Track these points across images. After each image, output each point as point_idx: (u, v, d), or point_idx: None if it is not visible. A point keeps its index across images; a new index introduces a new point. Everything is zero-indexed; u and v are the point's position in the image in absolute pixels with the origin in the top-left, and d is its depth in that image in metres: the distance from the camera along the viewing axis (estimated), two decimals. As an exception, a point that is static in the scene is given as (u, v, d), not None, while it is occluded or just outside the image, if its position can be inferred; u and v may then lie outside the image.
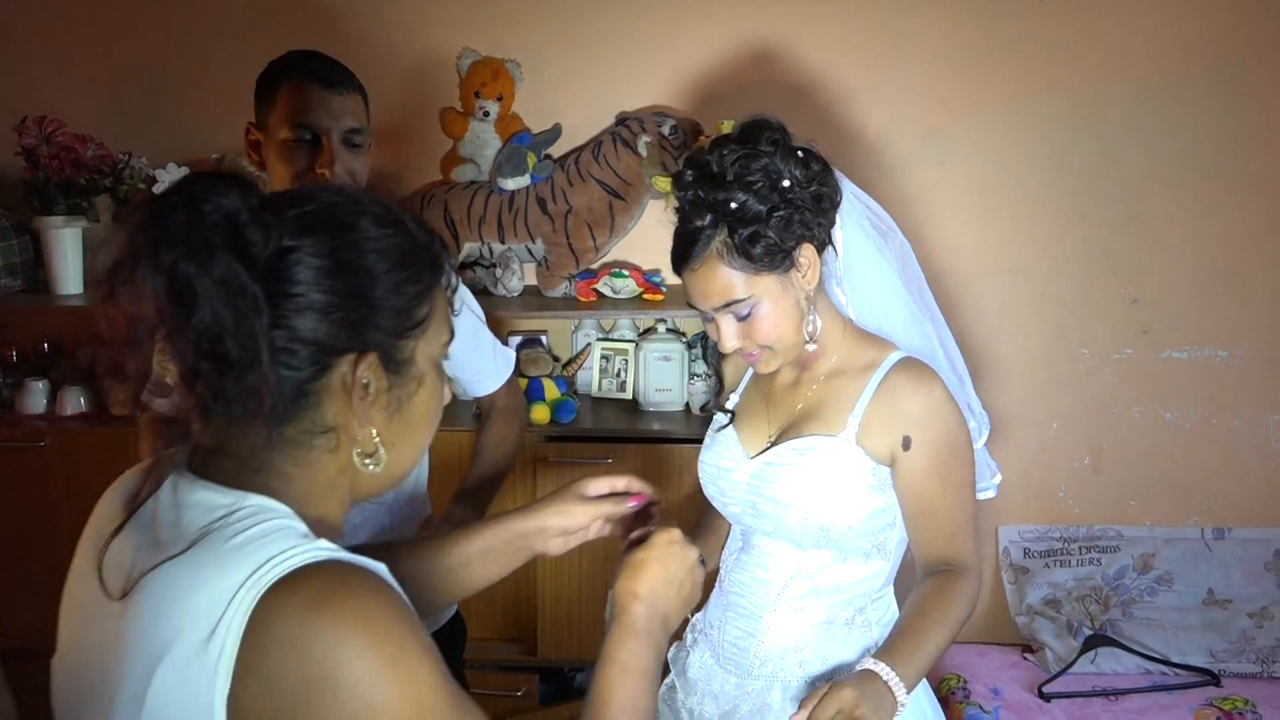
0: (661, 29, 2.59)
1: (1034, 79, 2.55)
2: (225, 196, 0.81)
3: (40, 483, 2.50)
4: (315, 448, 0.86)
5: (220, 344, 0.79)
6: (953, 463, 1.33)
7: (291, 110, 1.54)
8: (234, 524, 0.80)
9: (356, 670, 0.75)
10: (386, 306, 0.86)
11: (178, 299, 0.79)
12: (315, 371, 0.84)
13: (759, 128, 1.30)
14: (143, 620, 0.79)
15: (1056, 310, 2.66)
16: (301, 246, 0.82)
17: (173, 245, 0.78)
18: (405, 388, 0.89)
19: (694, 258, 1.28)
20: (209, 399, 0.82)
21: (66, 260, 2.55)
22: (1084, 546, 2.72)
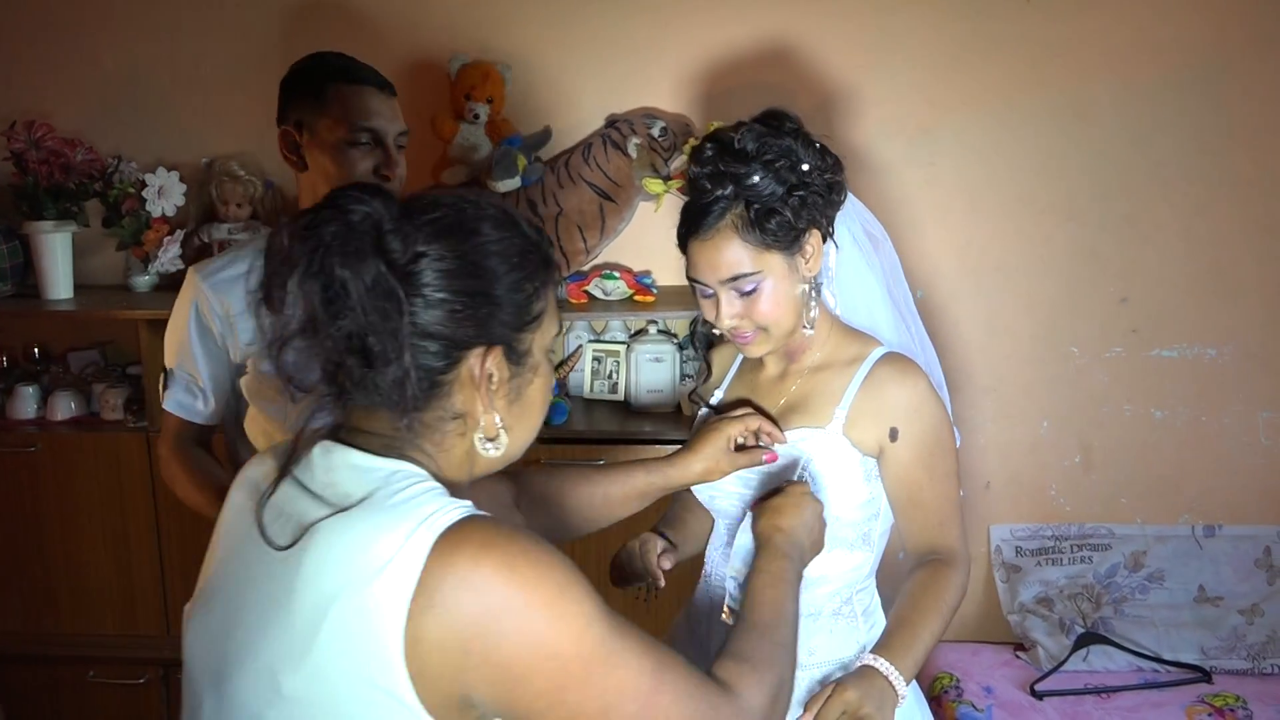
0: (650, 31, 2.59)
1: (1022, 79, 2.57)
2: (370, 206, 0.90)
3: (31, 488, 2.50)
4: (448, 432, 0.96)
5: (365, 341, 0.89)
6: (938, 453, 1.37)
7: (349, 113, 1.60)
8: (398, 484, 0.90)
9: (527, 602, 0.84)
10: (508, 303, 0.95)
11: (330, 301, 0.88)
12: (446, 364, 0.93)
13: (780, 115, 1.34)
14: (316, 565, 0.87)
15: (1046, 309, 2.67)
16: (432, 251, 0.91)
17: (330, 253, 0.88)
18: (524, 377, 0.99)
19: (706, 228, 1.30)
20: (350, 389, 0.92)
21: (56, 265, 2.55)
22: (1075, 545, 2.73)
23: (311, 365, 0.92)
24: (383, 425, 0.94)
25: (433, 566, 0.84)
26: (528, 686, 0.85)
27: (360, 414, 0.95)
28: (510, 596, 0.84)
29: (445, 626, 0.83)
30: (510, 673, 0.85)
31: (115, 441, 2.48)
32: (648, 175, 2.46)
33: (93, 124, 2.67)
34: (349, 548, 0.87)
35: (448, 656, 0.84)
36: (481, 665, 0.84)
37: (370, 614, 0.84)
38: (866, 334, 1.45)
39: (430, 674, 0.84)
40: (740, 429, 1.37)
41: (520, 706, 0.86)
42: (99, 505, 2.49)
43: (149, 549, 2.51)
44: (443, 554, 0.84)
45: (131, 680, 2.54)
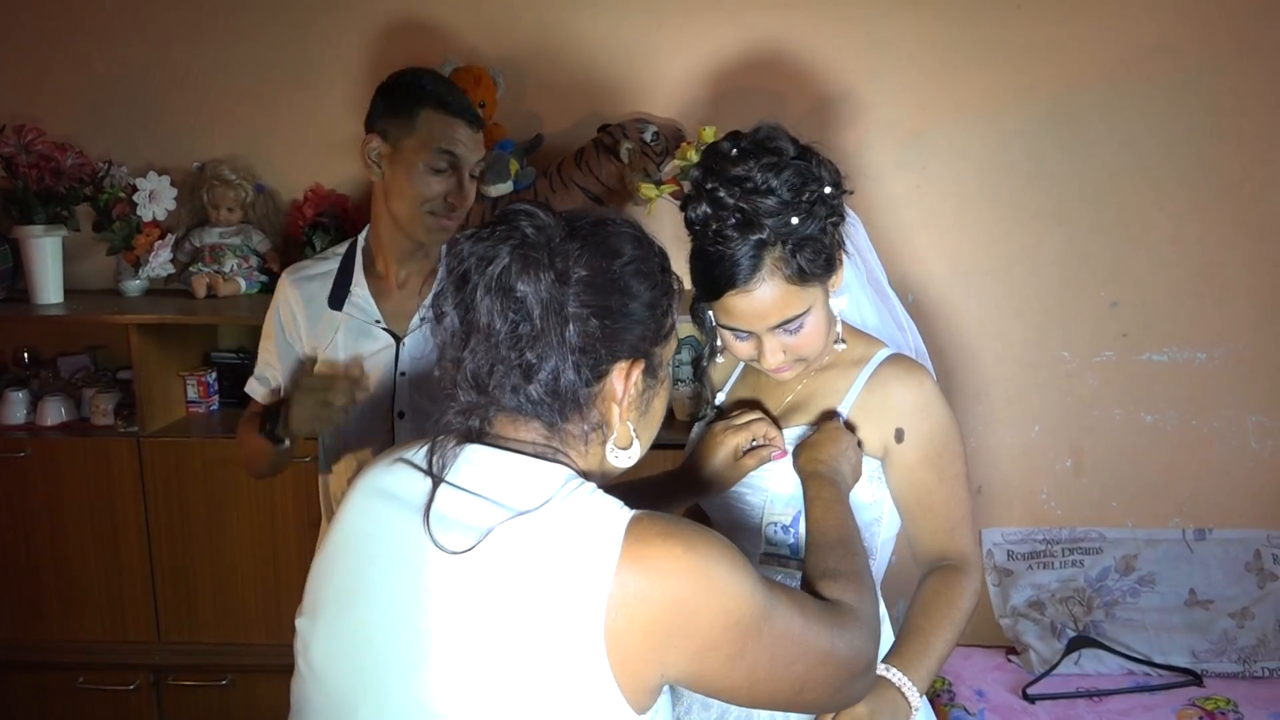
0: (641, 36, 2.60)
1: (1012, 83, 2.58)
2: (543, 224, 0.96)
3: (20, 493, 2.48)
4: (589, 441, 1.01)
5: (527, 353, 0.94)
6: (947, 455, 1.34)
7: (436, 139, 1.67)
8: (574, 488, 0.95)
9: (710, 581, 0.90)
10: (648, 319, 1.00)
11: (505, 313, 0.94)
12: (594, 377, 0.98)
13: (776, 134, 1.27)
14: (505, 567, 0.91)
15: (1036, 314, 2.67)
16: (585, 270, 0.96)
17: (509, 267, 0.93)
18: (654, 389, 1.04)
19: (746, 279, 1.22)
20: (502, 398, 0.97)
21: (46, 269, 2.54)
22: (1067, 548, 2.73)
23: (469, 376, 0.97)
24: (529, 433, 0.99)
25: (625, 562, 0.89)
26: (718, 654, 0.92)
27: (504, 422, 0.99)
28: (698, 579, 0.90)
29: (646, 615, 0.88)
30: (705, 646, 0.91)
31: (105, 447, 2.47)
32: (640, 180, 2.47)
33: (83, 128, 2.66)
34: (540, 548, 0.91)
35: (652, 643, 0.89)
36: (681, 644, 0.90)
37: (569, 609, 0.88)
38: (871, 335, 1.43)
39: (634, 664, 0.89)
40: (745, 438, 1.35)
41: (709, 672, 0.93)
42: (89, 511, 2.48)
43: (139, 555, 2.50)
44: (631, 548, 0.90)
45: (122, 687, 2.52)
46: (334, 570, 1.02)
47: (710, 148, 1.29)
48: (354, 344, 1.76)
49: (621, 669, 0.89)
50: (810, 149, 1.28)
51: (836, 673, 1.01)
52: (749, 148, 1.25)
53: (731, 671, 0.93)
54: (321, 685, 1.00)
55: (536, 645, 0.89)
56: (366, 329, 1.76)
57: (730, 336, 1.31)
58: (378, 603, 0.97)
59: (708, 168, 1.26)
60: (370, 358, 1.76)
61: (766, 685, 0.96)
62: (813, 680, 0.99)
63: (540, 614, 0.89)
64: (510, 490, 0.95)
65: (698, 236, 1.26)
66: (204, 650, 2.51)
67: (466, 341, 0.97)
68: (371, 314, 1.77)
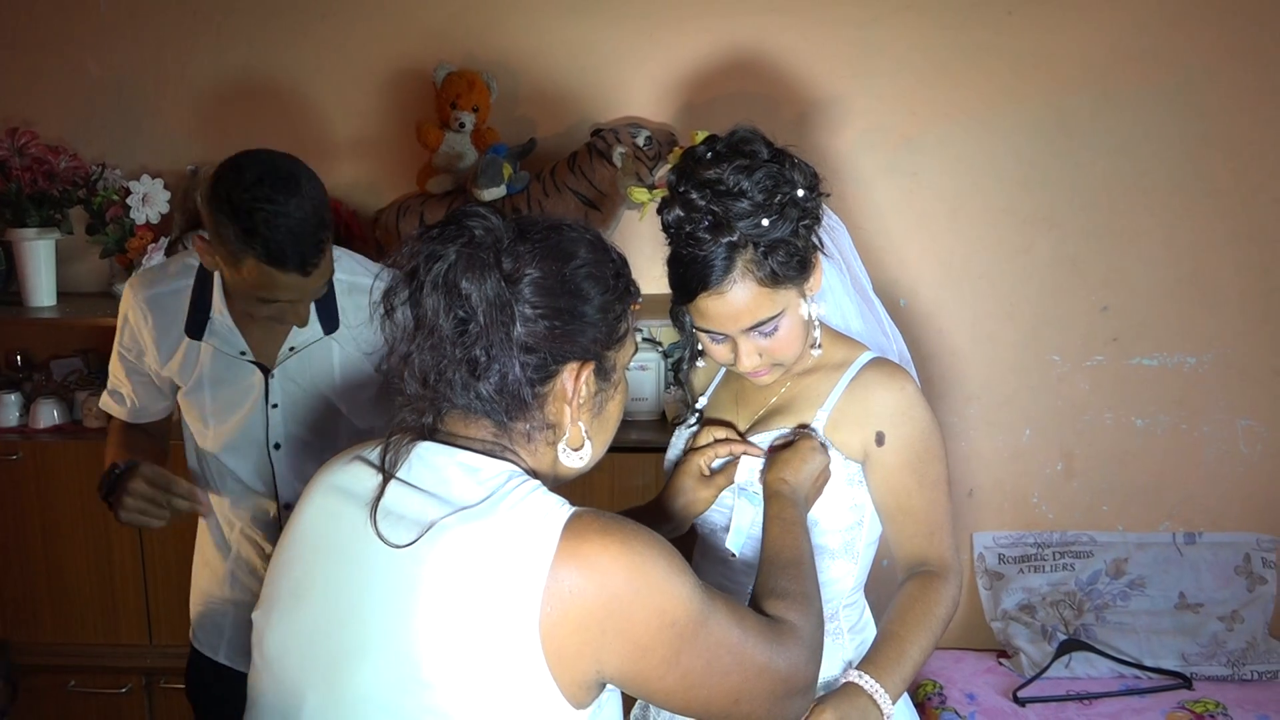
0: (634, 41, 2.60)
1: (1004, 89, 2.59)
2: (492, 224, 0.99)
3: (13, 496, 2.48)
4: (538, 440, 1.03)
5: (473, 351, 0.96)
6: (927, 459, 1.34)
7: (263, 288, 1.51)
8: (514, 484, 0.97)
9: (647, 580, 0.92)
10: (600, 322, 1.02)
11: (451, 311, 0.96)
12: (543, 377, 1.00)
13: (751, 138, 1.27)
14: (445, 560, 0.93)
15: (1027, 318, 2.69)
16: (536, 271, 0.98)
17: (455, 266, 0.96)
18: (606, 393, 1.06)
19: (717, 281, 1.23)
20: (451, 395, 0.99)
21: (39, 272, 2.55)
22: (1057, 552, 2.74)
23: (417, 371, 0.99)
24: (479, 431, 1.01)
25: (561, 557, 0.91)
26: (652, 655, 0.94)
27: (455, 420, 1.02)
28: (633, 576, 0.92)
29: (580, 610, 0.91)
30: (639, 645, 0.93)
31: (98, 450, 2.43)
32: (633, 184, 2.47)
33: (77, 131, 2.67)
34: (479, 543, 0.93)
35: (586, 637, 0.91)
36: (615, 641, 0.92)
37: (506, 603, 0.90)
38: (854, 339, 1.43)
39: (568, 655, 0.91)
40: (709, 457, 1.36)
41: (644, 674, 0.95)
42: (81, 514, 2.48)
43: (132, 558, 2.50)
44: (568, 545, 0.92)
45: (114, 690, 2.53)
46: (289, 564, 1.05)
47: (686, 151, 1.30)
48: (219, 376, 1.68)
49: (557, 663, 0.91)
50: (785, 152, 1.28)
51: (773, 687, 1.02)
52: (723, 151, 1.26)
53: (666, 674, 0.95)
54: (273, 676, 1.02)
55: (474, 637, 0.91)
56: (230, 360, 1.68)
57: (707, 339, 1.32)
58: (326, 595, 1.00)
59: (682, 171, 1.27)
60: (237, 392, 1.69)
61: (701, 692, 0.98)
62: (748, 692, 1.00)
63: (478, 606, 0.91)
64: (455, 487, 0.97)
65: (672, 239, 1.27)
66: (196, 653, 2.52)
67: (414, 338, 0.99)
68: (236, 344, 1.68)
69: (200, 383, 1.70)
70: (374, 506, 0.98)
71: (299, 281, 1.51)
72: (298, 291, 1.54)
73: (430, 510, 0.96)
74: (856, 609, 1.43)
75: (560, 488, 1.03)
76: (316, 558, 1.03)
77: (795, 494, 1.26)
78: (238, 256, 1.48)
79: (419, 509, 0.97)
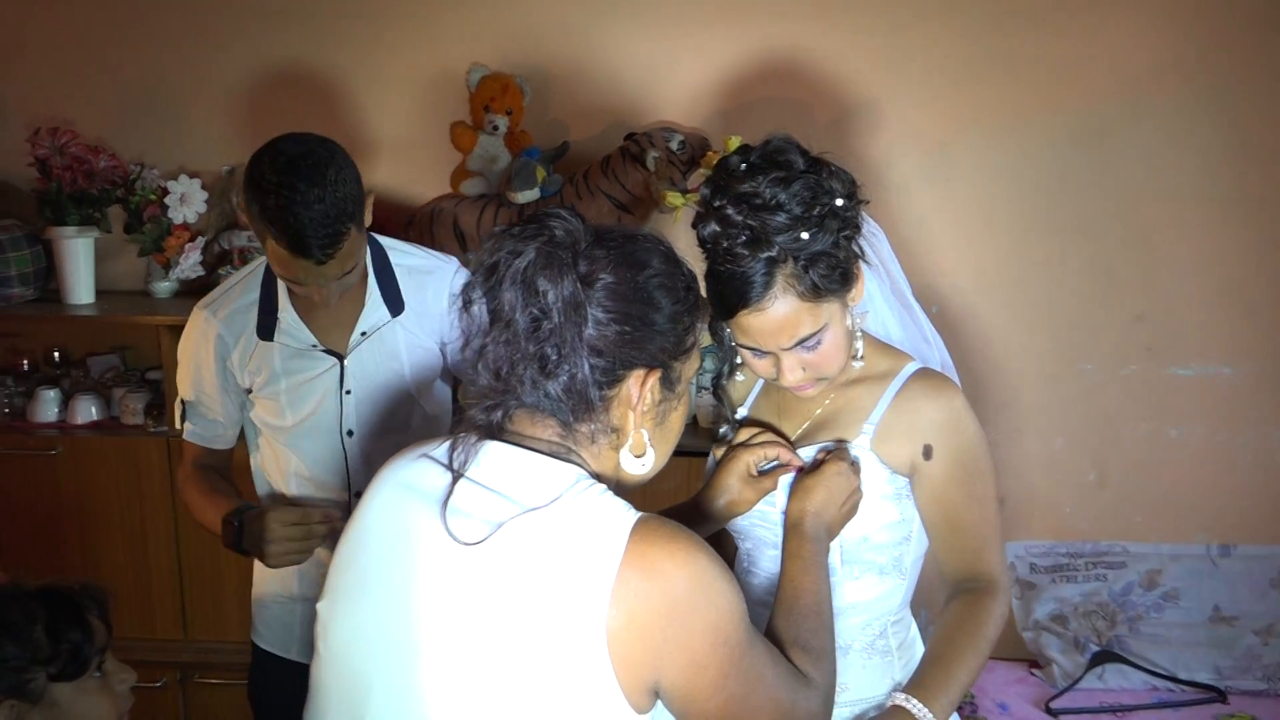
0: (668, 45, 2.61)
1: (1038, 96, 2.57)
2: (573, 225, 1.01)
3: (51, 491, 2.52)
4: (602, 444, 1.04)
5: (545, 348, 0.98)
6: (976, 472, 1.31)
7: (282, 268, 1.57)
8: (584, 485, 0.99)
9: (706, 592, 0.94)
10: (669, 332, 1.03)
11: (528, 307, 0.98)
12: (610, 380, 1.01)
13: (786, 148, 1.24)
14: (514, 559, 0.95)
15: (1060, 327, 2.66)
16: (610, 277, 1.00)
17: (535, 264, 0.98)
18: (670, 403, 1.07)
19: (759, 297, 1.19)
20: (522, 393, 1.00)
21: (78, 270, 2.58)
22: (1090, 562, 2.72)
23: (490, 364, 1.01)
24: (544, 431, 1.03)
25: (628, 560, 0.93)
26: (705, 674, 0.95)
27: (522, 419, 1.03)
28: (695, 587, 0.94)
29: (645, 615, 0.92)
30: (695, 659, 0.94)
31: (134, 446, 2.50)
32: (666, 188, 2.47)
33: (116, 131, 2.70)
34: (548, 543, 0.95)
35: (650, 644, 0.93)
36: (675, 652, 0.93)
37: (574, 604, 0.92)
38: (898, 349, 1.40)
39: (632, 661, 0.93)
40: (758, 456, 1.32)
41: (694, 692, 0.96)
42: (118, 509, 2.51)
43: (167, 553, 2.53)
44: (636, 548, 0.94)
45: (149, 684, 2.55)
46: (355, 557, 1.06)
47: (720, 163, 1.27)
48: (293, 369, 1.72)
49: (622, 666, 0.92)
50: (822, 160, 1.25)
51: None
52: (757, 162, 1.22)
53: (713, 697, 0.96)
54: (338, 667, 1.04)
55: (541, 636, 0.93)
56: (303, 353, 1.72)
57: (749, 355, 1.29)
58: (394, 589, 1.01)
59: (716, 184, 1.24)
60: (311, 381, 1.73)
61: None
62: None
63: (546, 606, 0.93)
64: (524, 487, 0.99)
65: (709, 255, 1.24)
66: (229, 649, 2.53)
67: (490, 331, 1.01)
68: (305, 339, 1.71)
69: (275, 376, 1.72)
70: (444, 503, 1.00)
71: (314, 268, 1.54)
72: (314, 277, 1.56)
73: (499, 509, 0.98)
74: (904, 627, 1.40)
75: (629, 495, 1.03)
76: (382, 552, 1.04)
77: (816, 526, 1.24)
78: (261, 234, 1.55)
79: (488, 508, 0.98)
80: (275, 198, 1.48)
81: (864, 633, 1.36)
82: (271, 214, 1.49)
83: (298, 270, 1.55)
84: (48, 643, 1.13)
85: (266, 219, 1.50)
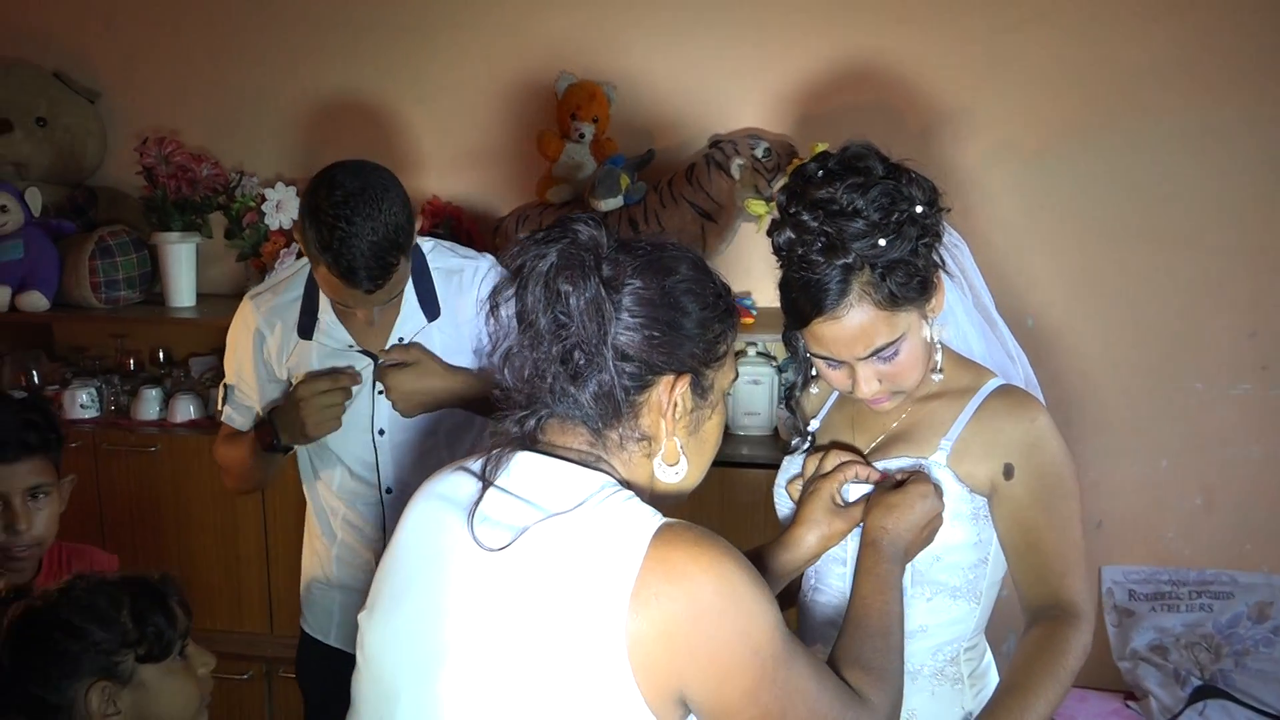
0: (755, 51, 2.58)
1: (1142, 101, 2.45)
2: (595, 231, 1.01)
3: (150, 486, 2.61)
4: (633, 452, 1.03)
5: (572, 354, 0.98)
6: (1059, 494, 1.26)
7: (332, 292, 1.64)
8: (609, 491, 0.98)
9: (735, 599, 0.92)
10: (698, 338, 1.02)
11: (551, 311, 0.98)
12: (639, 386, 1.01)
13: (865, 154, 1.21)
14: (534, 564, 0.95)
15: (1167, 342, 2.54)
16: (637, 281, 1.00)
17: (556, 268, 0.98)
18: (703, 411, 1.06)
19: (835, 305, 1.17)
20: (551, 401, 1.00)
21: (181, 275, 2.68)
22: (1194, 591, 2.58)
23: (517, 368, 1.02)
24: (576, 440, 1.02)
25: (650, 565, 0.91)
26: (734, 684, 0.92)
27: (553, 429, 1.03)
28: (721, 593, 0.92)
29: (666, 620, 0.90)
30: (722, 668, 0.92)
31: (226, 446, 2.58)
32: (750, 196, 2.45)
33: (217, 140, 2.80)
34: (568, 547, 0.95)
35: (672, 650, 0.90)
36: (700, 660, 0.91)
37: (593, 608, 0.91)
38: (979, 364, 1.36)
39: (653, 668, 0.91)
40: (838, 484, 1.28)
41: (724, 705, 0.93)
42: (212, 505, 2.60)
43: (256, 549, 2.60)
44: (658, 553, 0.92)
45: (236, 676, 2.63)
46: (392, 570, 1.08)
47: (796, 170, 1.25)
48: (331, 365, 1.77)
49: (643, 674, 0.90)
50: (901, 166, 1.22)
51: None
52: (835, 168, 1.20)
53: (746, 709, 0.93)
54: (372, 676, 1.05)
55: (561, 642, 0.92)
56: (340, 354, 1.76)
57: (824, 365, 1.27)
58: (423, 598, 1.02)
59: (792, 191, 1.22)
60: None
61: None
62: None
63: (566, 611, 0.92)
64: (549, 494, 0.99)
65: (784, 262, 1.22)
66: (314, 645, 2.60)
67: (516, 335, 1.02)
68: (343, 339, 1.76)
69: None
70: (471, 511, 1.00)
71: (363, 296, 1.61)
72: (362, 303, 1.63)
73: (524, 515, 0.98)
74: (977, 653, 1.35)
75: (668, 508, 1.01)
76: (415, 562, 1.05)
77: (894, 545, 1.20)
78: (314, 259, 1.60)
79: (513, 514, 0.99)
80: (331, 231, 1.54)
81: (934, 658, 1.32)
82: (326, 245, 1.55)
83: (346, 295, 1.62)
84: (134, 627, 1.19)
85: (320, 248, 1.56)
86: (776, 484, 1.41)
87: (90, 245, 2.58)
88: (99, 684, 1.16)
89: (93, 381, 2.73)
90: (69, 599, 1.19)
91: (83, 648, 1.17)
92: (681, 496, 1.09)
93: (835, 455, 1.31)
